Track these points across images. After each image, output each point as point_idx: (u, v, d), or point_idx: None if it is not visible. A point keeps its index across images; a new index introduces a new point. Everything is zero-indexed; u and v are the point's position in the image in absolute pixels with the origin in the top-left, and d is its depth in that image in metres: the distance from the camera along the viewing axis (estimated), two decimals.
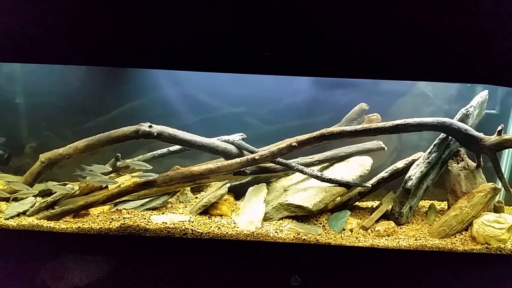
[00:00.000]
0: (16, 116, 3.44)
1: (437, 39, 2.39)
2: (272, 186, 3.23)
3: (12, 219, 2.82)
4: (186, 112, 3.47)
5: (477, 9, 2.31)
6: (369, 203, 3.46)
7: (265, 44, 2.44)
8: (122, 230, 2.74)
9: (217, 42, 2.44)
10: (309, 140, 2.91)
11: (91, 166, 2.92)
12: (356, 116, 3.30)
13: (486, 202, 2.87)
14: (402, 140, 3.45)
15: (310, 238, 2.74)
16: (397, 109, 3.40)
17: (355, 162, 3.25)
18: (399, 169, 3.16)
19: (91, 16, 2.39)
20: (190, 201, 3.33)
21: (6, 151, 3.38)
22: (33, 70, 3.37)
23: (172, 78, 3.42)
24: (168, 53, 2.50)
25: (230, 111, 3.49)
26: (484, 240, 2.73)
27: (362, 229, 2.93)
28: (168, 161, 3.38)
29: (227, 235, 2.74)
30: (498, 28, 2.35)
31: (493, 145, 2.82)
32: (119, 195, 2.93)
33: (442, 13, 2.32)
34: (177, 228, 2.75)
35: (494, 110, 3.33)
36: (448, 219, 2.86)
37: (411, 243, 2.74)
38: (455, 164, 3.12)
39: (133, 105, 3.47)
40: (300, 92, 3.45)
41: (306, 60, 2.50)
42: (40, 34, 2.42)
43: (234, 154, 3.12)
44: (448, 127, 2.84)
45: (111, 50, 2.51)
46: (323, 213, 3.06)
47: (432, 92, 3.39)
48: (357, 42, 2.43)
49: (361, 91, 3.41)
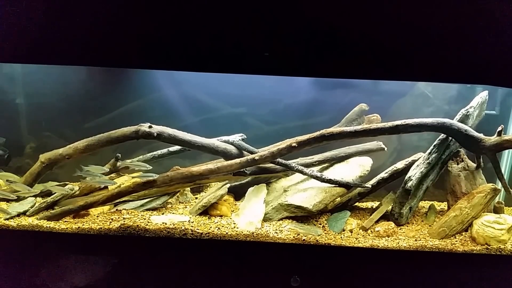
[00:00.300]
0: (16, 116, 3.44)
1: (437, 39, 2.39)
2: (272, 186, 3.23)
3: (12, 219, 2.82)
4: (186, 113, 3.47)
5: (477, 9, 2.31)
6: (369, 203, 3.46)
7: (265, 45, 2.44)
8: (122, 231, 2.74)
9: (217, 42, 2.45)
10: (309, 140, 2.91)
11: (88, 167, 2.92)
12: (356, 117, 3.30)
13: (486, 203, 2.87)
14: (402, 140, 3.45)
15: (310, 239, 2.74)
16: (397, 109, 3.39)
17: (355, 163, 3.25)
18: (399, 169, 3.16)
19: (91, 16, 2.39)
20: (190, 202, 3.33)
21: (6, 151, 3.38)
22: (33, 71, 3.37)
23: (172, 78, 3.42)
24: (168, 53, 2.50)
25: (230, 111, 3.49)
26: (484, 241, 2.73)
27: (362, 229, 2.93)
28: (168, 162, 3.38)
29: (227, 236, 2.74)
30: (497, 28, 2.35)
31: (493, 146, 2.82)
32: (119, 196, 2.93)
33: (442, 13, 2.33)
34: (177, 229, 2.75)
35: (494, 111, 3.33)
36: (448, 219, 2.86)
37: (411, 243, 2.74)
38: (455, 165, 3.12)
39: (133, 105, 3.47)
40: (300, 93, 3.45)
41: (305, 61, 2.50)
42: (40, 34, 2.42)
43: (234, 154, 3.13)
44: (448, 128, 2.84)
45: (111, 50, 2.51)
46: (323, 214, 3.06)
47: (432, 92, 3.39)
48: (356, 42, 2.43)
49: (361, 91, 3.41)
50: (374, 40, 2.42)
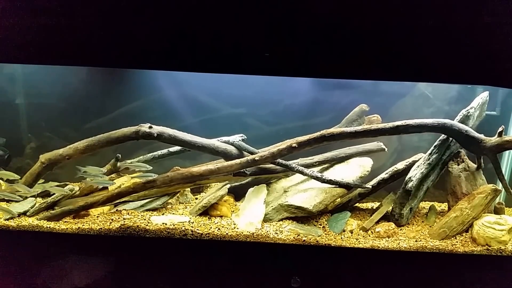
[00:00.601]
0: (16, 116, 3.44)
1: (438, 40, 2.39)
2: (272, 187, 3.23)
3: (12, 220, 2.82)
4: (186, 113, 3.47)
5: (478, 9, 2.30)
6: (369, 204, 3.46)
7: (265, 45, 2.44)
8: (122, 231, 2.74)
9: (217, 42, 2.44)
10: (309, 141, 2.91)
11: (85, 168, 2.92)
12: (356, 117, 3.30)
13: (486, 203, 2.86)
14: (402, 141, 3.44)
15: (310, 239, 2.73)
16: (397, 110, 3.39)
17: (355, 163, 3.25)
18: (399, 170, 3.16)
19: (92, 17, 2.39)
20: (190, 202, 3.33)
21: (6, 152, 3.38)
22: (33, 71, 3.37)
23: (172, 79, 3.42)
24: (168, 54, 2.50)
25: (230, 112, 3.49)
26: (484, 242, 2.73)
27: (362, 230, 2.93)
28: (168, 162, 3.37)
29: (227, 236, 2.74)
30: (498, 28, 2.34)
31: (494, 147, 2.82)
32: (119, 196, 2.93)
33: (442, 14, 2.32)
34: (177, 229, 2.75)
35: (495, 111, 3.32)
36: (448, 220, 2.86)
37: (411, 244, 2.74)
38: (455, 166, 3.11)
39: (133, 106, 3.47)
40: (300, 93, 3.44)
41: (305, 61, 2.49)
42: (40, 35, 2.42)
43: (234, 155, 3.12)
44: (448, 129, 2.83)
45: (111, 51, 2.50)
46: (323, 214, 3.05)
47: (433, 93, 3.39)
48: (357, 42, 2.43)
49: (361, 92, 3.40)
50: (374, 40, 2.41)
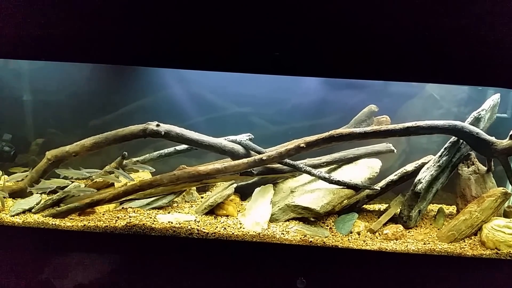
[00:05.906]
0: (22, 113, 3.44)
1: (448, 41, 2.37)
2: (279, 187, 3.21)
3: (17, 216, 2.82)
4: (193, 111, 3.46)
5: (491, 11, 2.28)
6: (377, 206, 3.43)
7: (274, 44, 2.42)
8: (128, 229, 2.72)
9: (226, 41, 2.43)
10: (317, 141, 2.88)
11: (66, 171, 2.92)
12: (365, 118, 3.27)
13: (496, 206, 2.83)
14: (411, 142, 3.42)
15: (317, 240, 2.71)
16: (406, 111, 3.36)
17: (364, 164, 3.22)
18: (408, 172, 3.12)
19: (98, 13, 2.38)
20: (195, 201, 3.32)
21: (13, 148, 3.38)
22: (40, 68, 3.37)
23: (179, 77, 3.41)
24: (175, 51, 2.49)
25: (238, 111, 3.47)
26: (493, 245, 2.70)
27: (369, 232, 2.90)
28: (174, 160, 3.36)
29: (233, 236, 2.72)
30: (510, 30, 2.32)
31: (505, 149, 2.79)
32: (125, 194, 2.91)
33: (454, 14, 2.30)
34: (183, 228, 2.73)
35: (506, 114, 3.29)
36: (457, 223, 2.83)
37: (420, 247, 2.71)
38: (465, 168, 3.07)
39: (140, 103, 3.46)
40: (309, 93, 3.43)
41: (314, 60, 2.48)
42: (47, 32, 2.41)
43: (241, 154, 3.10)
44: (459, 131, 2.80)
45: (118, 48, 2.50)
46: (330, 215, 3.02)
47: (441, 94, 3.36)
48: (365, 42, 2.41)
49: (370, 92, 3.38)
50: (383, 40, 2.39)
